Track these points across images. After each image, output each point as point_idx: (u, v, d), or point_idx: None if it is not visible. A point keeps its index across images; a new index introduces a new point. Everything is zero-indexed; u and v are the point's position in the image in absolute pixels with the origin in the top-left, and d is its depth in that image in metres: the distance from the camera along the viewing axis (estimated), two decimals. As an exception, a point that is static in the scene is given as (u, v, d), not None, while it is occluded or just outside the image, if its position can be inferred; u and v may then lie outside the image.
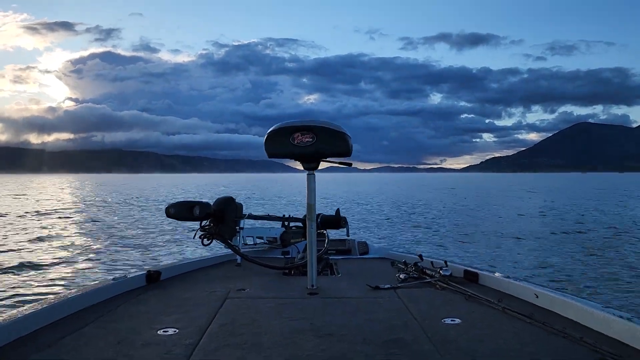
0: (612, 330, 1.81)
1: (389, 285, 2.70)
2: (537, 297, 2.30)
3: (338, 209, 3.74)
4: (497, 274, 2.73)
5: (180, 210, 3.08)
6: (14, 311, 1.99)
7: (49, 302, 2.09)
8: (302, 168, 2.73)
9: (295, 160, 2.73)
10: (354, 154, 2.74)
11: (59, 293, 2.31)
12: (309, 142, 2.57)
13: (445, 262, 2.97)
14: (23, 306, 2.07)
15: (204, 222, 3.15)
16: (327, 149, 2.62)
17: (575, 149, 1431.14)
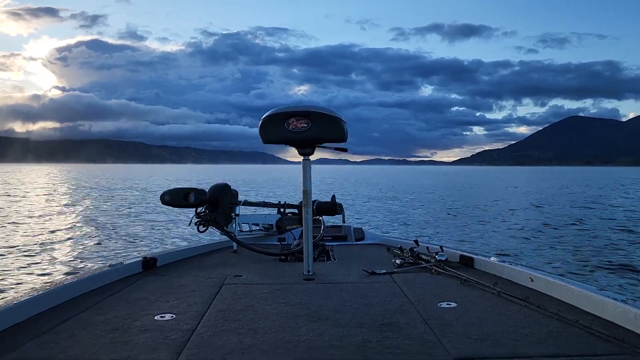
0: (606, 313, 1.83)
1: (384, 271, 2.71)
2: (532, 280, 2.31)
3: (334, 196, 3.75)
4: (492, 259, 2.74)
5: (176, 197, 3.07)
6: (10, 297, 1.99)
7: (45, 289, 2.08)
8: (294, 159, 2.83)
9: (291, 146, 2.72)
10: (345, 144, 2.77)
11: (55, 280, 2.30)
12: (304, 128, 2.56)
13: (441, 247, 2.97)
14: (19, 293, 2.06)
15: (199, 209, 3.14)
16: (322, 135, 2.61)
17: (566, 142, 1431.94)
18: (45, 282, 2.15)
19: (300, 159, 2.72)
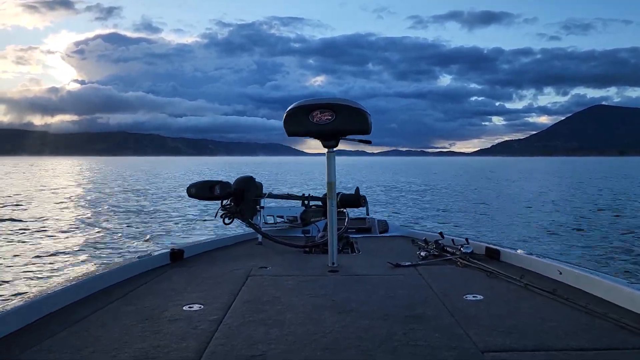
0: (637, 306, 1.80)
1: (409, 263, 2.71)
2: (560, 273, 2.28)
3: (357, 188, 3.75)
4: (519, 251, 2.72)
5: (201, 190, 3.13)
6: (44, 287, 2.05)
7: (78, 279, 2.14)
8: (312, 151, 2.87)
9: (315, 138, 2.73)
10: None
11: (86, 271, 2.38)
12: (328, 120, 2.58)
13: (467, 239, 2.95)
14: (53, 283, 2.12)
15: (224, 202, 3.19)
16: (347, 127, 2.63)
17: (590, 132, 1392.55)
18: (77, 274, 2.26)
19: (323, 151, 2.72)
